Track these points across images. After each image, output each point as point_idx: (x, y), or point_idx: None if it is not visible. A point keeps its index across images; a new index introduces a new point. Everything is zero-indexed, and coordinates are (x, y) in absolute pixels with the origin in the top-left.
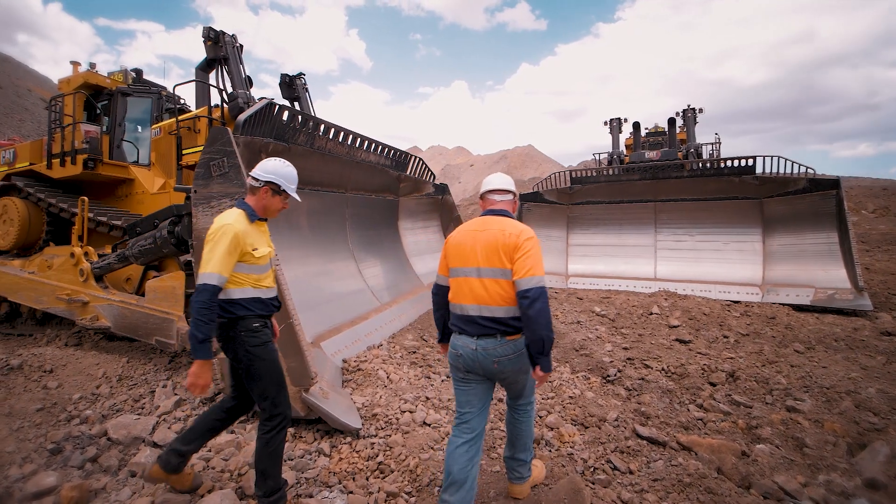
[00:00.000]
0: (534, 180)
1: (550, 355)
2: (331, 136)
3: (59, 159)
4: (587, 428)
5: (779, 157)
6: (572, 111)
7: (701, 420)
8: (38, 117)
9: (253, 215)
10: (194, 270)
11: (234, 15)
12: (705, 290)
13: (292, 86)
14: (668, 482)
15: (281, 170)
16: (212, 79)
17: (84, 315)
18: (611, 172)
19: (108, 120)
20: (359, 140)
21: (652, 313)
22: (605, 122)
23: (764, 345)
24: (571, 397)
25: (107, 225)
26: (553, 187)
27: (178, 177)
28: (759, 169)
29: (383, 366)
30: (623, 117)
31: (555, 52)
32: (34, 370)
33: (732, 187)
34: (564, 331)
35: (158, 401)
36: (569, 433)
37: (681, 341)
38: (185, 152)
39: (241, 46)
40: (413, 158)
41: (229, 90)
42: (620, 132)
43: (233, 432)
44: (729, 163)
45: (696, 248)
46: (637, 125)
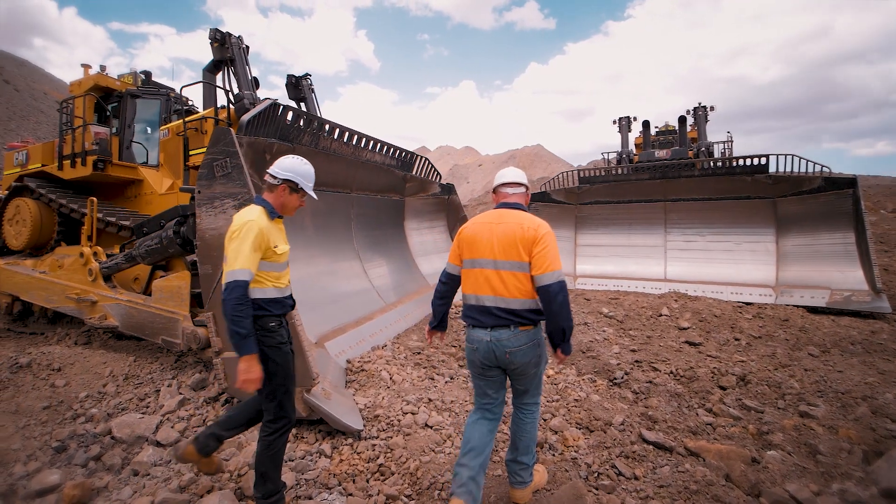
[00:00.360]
0: (542, 180)
1: (570, 340)
2: (336, 137)
3: (69, 160)
4: (592, 432)
5: (792, 156)
6: (581, 110)
7: (710, 425)
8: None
9: (273, 212)
10: (198, 270)
11: (244, 17)
12: (717, 291)
13: (298, 86)
14: (675, 489)
15: (299, 168)
16: (219, 80)
17: (93, 314)
18: (620, 172)
19: (117, 121)
20: (364, 140)
21: (661, 315)
22: (614, 121)
23: (777, 348)
24: (577, 400)
25: (115, 225)
26: (561, 187)
27: (185, 177)
28: (773, 168)
29: (387, 367)
30: (632, 116)
31: (564, 51)
32: (42, 368)
33: (744, 186)
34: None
35: (163, 400)
36: (573, 437)
37: (690, 343)
38: (191, 153)
39: (248, 48)
40: (419, 158)
41: (236, 91)
42: (630, 131)
43: None
44: (741, 161)
45: (708, 248)
46: (647, 124)
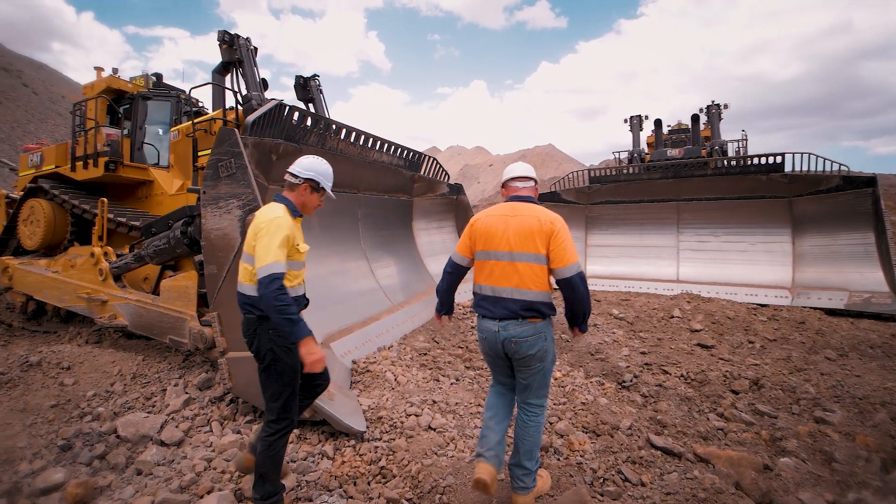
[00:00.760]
0: (553, 180)
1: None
2: (342, 137)
3: (82, 162)
4: (599, 436)
5: (809, 154)
6: (594, 109)
7: (721, 430)
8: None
9: (295, 211)
10: (209, 268)
11: (256, 19)
12: (731, 292)
13: (307, 87)
14: (682, 496)
15: (319, 167)
16: (229, 82)
17: (103, 313)
18: (631, 171)
19: (129, 123)
20: (371, 140)
21: (673, 316)
22: (626, 120)
23: (792, 351)
24: (584, 403)
25: (126, 225)
26: (571, 187)
27: (194, 178)
28: (789, 166)
29: (392, 367)
30: (644, 114)
31: (575, 50)
32: (52, 367)
33: (760, 186)
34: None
35: (168, 399)
36: (579, 441)
37: (702, 346)
38: (200, 154)
39: (256, 49)
40: (427, 158)
41: (244, 92)
42: (641, 130)
43: (238, 432)
44: (756, 160)
45: (721, 248)
46: (658, 122)
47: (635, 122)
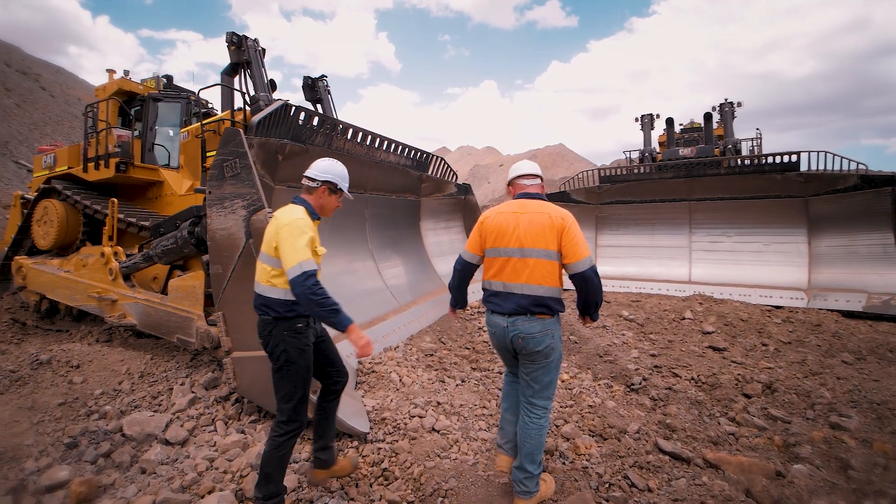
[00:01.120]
0: (564, 180)
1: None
2: (349, 137)
3: (94, 163)
4: (605, 440)
5: (826, 153)
6: (605, 109)
7: (732, 435)
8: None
9: (313, 214)
10: (214, 267)
11: (267, 22)
12: (744, 294)
13: (314, 88)
14: (690, 503)
15: (335, 169)
16: (237, 83)
17: (112, 313)
18: (642, 170)
19: (140, 125)
20: (378, 140)
21: (684, 318)
22: (637, 119)
23: (807, 354)
24: (591, 406)
25: (136, 226)
26: (581, 186)
27: (203, 179)
28: (804, 165)
29: (397, 368)
30: (655, 113)
31: (586, 49)
32: (62, 365)
33: (774, 185)
34: (588, 335)
35: (175, 398)
36: (585, 445)
37: (714, 349)
38: (209, 155)
39: (264, 50)
40: (434, 158)
41: (252, 93)
42: (653, 129)
43: (242, 432)
44: (770, 159)
45: (735, 249)
46: (670, 121)
47: (646, 121)
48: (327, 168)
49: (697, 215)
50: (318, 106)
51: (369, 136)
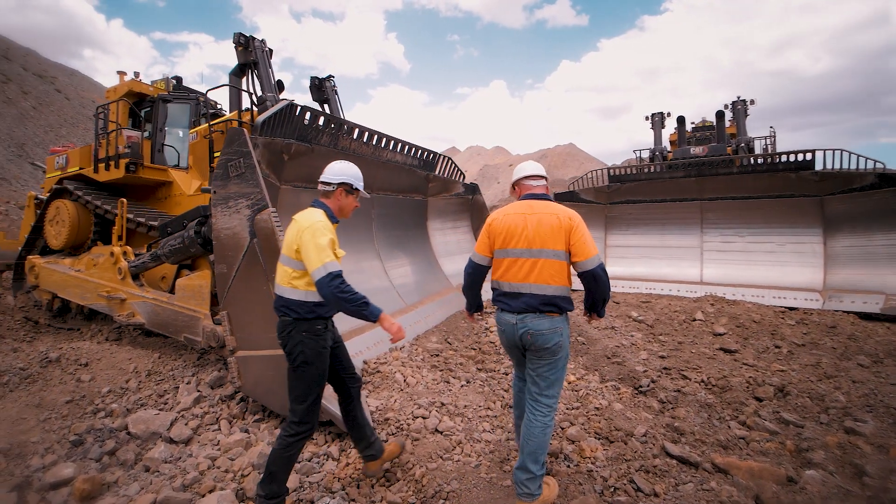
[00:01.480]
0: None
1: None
2: (354, 137)
3: (104, 164)
4: (612, 443)
5: (841, 151)
6: (616, 108)
7: (742, 439)
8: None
9: (332, 217)
10: (219, 267)
11: (278, 23)
12: (757, 295)
13: (322, 88)
14: None
15: (349, 170)
16: (245, 84)
17: (121, 311)
18: (652, 169)
19: (150, 126)
20: (384, 140)
21: (695, 319)
22: (647, 117)
23: (822, 357)
24: (597, 408)
25: (145, 225)
26: (590, 186)
27: (210, 179)
28: (819, 164)
29: (402, 368)
30: (666, 112)
31: (597, 48)
32: (71, 363)
33: (788, 184)
34: (596, 336)
35: (180, 397)
36: (590, 448)
37: (725, 351)
38: (216, 155)
39: (271, 51)
40: (441, 158)
41: (259, 94)
42: (663, 127)
43: (246, 431)
44: (784, 157)
45: (748, 249)
46: (681, 119)
47: (657, 120)
48: (341, 170)
49: (709, 215)
50: (326, 106)
51: (375, 136)
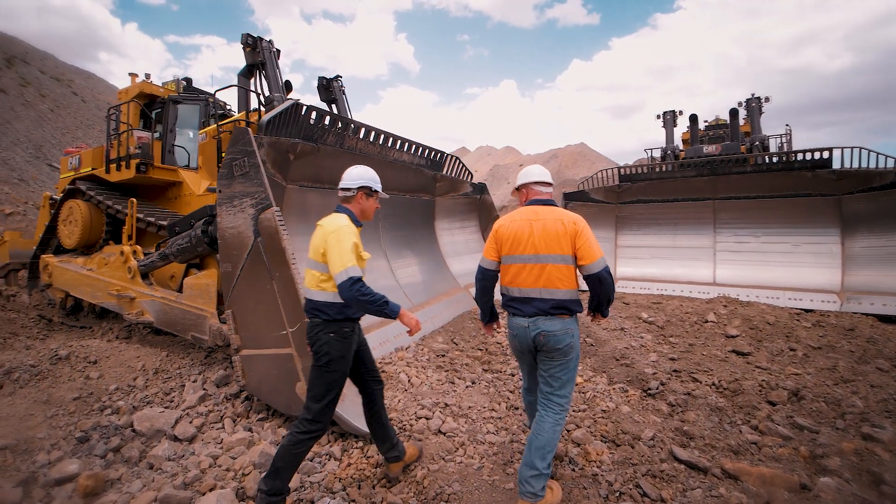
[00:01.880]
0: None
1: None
2: (361, 136)
3: (115, 164)
4: (618, 446)
5: (860, 149)
6: (628, 107)
7: (754, 444)
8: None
9: (356, 221)
10: (224, 266)
11: (289, 25)
12: (772, 296)
13: (329, 88)
14: None
15: (366, 174)
16: (253, 85)
17: (131, 310)
18: (664, 168)
19: (161, 126)
20: (391, 140)
21: (707, 321)
22: (659, 116)
23: (839, 360)
24: (605, 411)
25: (154, 225)
26: (600, 185)
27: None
28: (837, 162)
29: (406, 369)
30: (678, 110)
31: (609, 47)
32: (80, 360)
33: (804, 183)
34: (605, 338)
35: (186, 395)
36: (596, 451)
37: (738, 353)
38: (224, 155)
39: (278, 52)
40: (449, 158)
41: (267, 94)
42: (675, 126)
43: (250, 430)
44: (800, 156)
45: (762, 250)
46: (694, 118)
47: (668, 118)
48: (359, 174)
49: (722, 214)
50: (333, 106)
51: (382, 136)
